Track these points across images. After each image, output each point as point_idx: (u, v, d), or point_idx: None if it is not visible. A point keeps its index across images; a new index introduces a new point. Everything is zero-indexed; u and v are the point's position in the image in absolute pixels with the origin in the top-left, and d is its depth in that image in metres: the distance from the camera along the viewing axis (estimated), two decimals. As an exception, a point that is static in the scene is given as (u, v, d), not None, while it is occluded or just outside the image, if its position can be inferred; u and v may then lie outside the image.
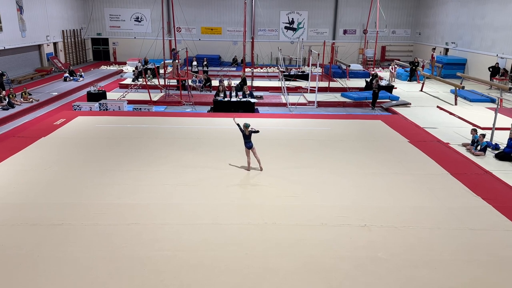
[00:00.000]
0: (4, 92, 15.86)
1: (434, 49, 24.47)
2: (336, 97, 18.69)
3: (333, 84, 20.86)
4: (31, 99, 16.45)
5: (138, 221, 6.90)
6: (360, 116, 15.29)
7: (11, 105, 15.41)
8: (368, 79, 20.57)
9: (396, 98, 17.88)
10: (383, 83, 19.66)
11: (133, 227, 6.71)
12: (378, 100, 17.08)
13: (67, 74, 22.25)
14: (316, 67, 19.98)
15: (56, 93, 18.57)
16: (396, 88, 20.33)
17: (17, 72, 22.08)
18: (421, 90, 20.42)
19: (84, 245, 6.18)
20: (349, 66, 23.92)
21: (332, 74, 22.82)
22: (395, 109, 16.35)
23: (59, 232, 6.53)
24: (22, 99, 16.33)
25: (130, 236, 6.46)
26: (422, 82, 21.26)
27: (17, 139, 11.30)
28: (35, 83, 20.83)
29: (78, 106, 15.43)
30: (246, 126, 9.04)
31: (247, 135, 9.04)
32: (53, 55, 25.97)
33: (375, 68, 27.97)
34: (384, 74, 24.99)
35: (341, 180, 8.86)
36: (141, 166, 9.45)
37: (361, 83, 21.55)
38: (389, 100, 17.69)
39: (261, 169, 9.27)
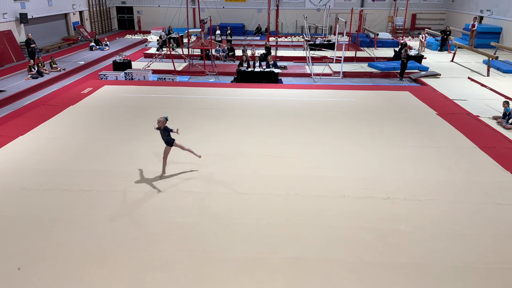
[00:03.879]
0: (32, 61, 16.21)
1: (476, 18, 23.27)
2: (363, 67, 18.24)
3: (360, 54, 20.34)
4: (59, 68, 16.77)
5: (163, 189, 7.08)
6: (387, 87, 14.93)
7: (40, 74, 15.77)
8: (397, 49, 19.92)
9: (426, 69, 17.32)
10: (412, 52, 19.02)
11: (158, 194, 6.90)
12: (406, 71, 16.59)
13: (93, 43, 22.47)
14: (343, 35, 19.43)
15: (83, 62, 18.85)
16: (425, 58, 19.63)
17: (45, 41, 22.44)
18: (452, 61, 19.66)
19: (112, 210, 6.41)
20: (377, 34, 23.19)
21: (359, 43, 22.22)
22: (424, 80, 15.87)
23: (89, 197, 6.78)
24: (50, 68, 16.68)
25: (155, 203, 6.65)
26: (453, 52, 20.45)
27: (46, 107, 11.63)
28: (62, 52, 21.17)
29: (104, 75, 15.64)
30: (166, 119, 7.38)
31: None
32: (79, 24, 26.18)
33: (404, 37, 27.00)
34: (414, 44, 24.13)
35: (365, 152, 8.77)
36: (166, 135, 9.58)
37: (389, 52, 20.92)
38: (418, 71, 17.16)
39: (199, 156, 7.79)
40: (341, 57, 17.10)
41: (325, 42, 22.37)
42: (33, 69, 15.77)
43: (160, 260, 5.28)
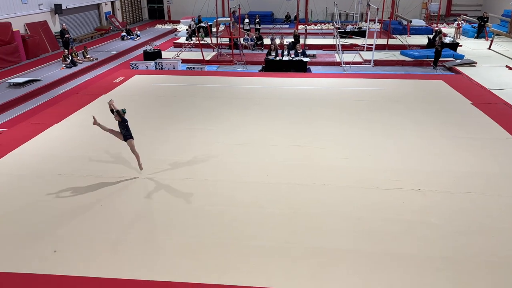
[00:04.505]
0: (67, 51, 16.68)
1: None
2: (395, 55, 17.78)
3: (392, 41, 19.81)
4: (91, 58, 17.20)
5: (191, 177, 7.19)
6: (420, 76, 14.50)
7: (74, 63, 16.23)
8: (431, 36, 19.28)
9: (461, 57, 16.70)
10: (447, 40, 18.35)
11: (187, 182, 7.01)
12: (440, 59, 16.06)
13: (124, 33, 22.87)
14: (375, 23, 18.96)
15: (115, 52, 19.23)
16: (461, 45, 18.94)
17: (78, 31, 23.00)
18: (489, 48, 18.86)
19: (143, 197, 6.58)
20: (411, 21, 22.51)
21: (391, 31, 21.65)
22: (459, 68, 15.32)
23: (121, 184, 6.97)
24: (83, 58, 17.12)
25: (184, 190, 6.77)
26: (491, 39, 19.58)
27: (80, 96, 11.97)
28: (94, 42, 21.66)
29: (135, 65, 15.92)
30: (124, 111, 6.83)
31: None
32: (111, 14, 26.66)
33: (439, 24, 26.07)
34: (449, 31, 23.26)
35: (396, 143, 8.59)
36: (194, 124, 9.71)
37: (423, 40, 20.28)
38: (453, 59, 16.56)
39: (141, 168, 7.22)
40: (372, 45, 16.72)
41: (356, 30, 21.91)
42: (67, 59, 16.23)
43: (188, 247, 5.39)
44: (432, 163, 7.68)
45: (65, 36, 18.25)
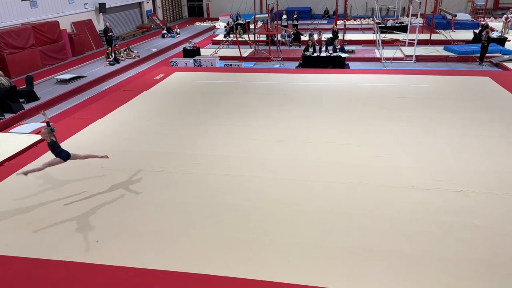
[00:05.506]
0: (110, 48, 17.28)
1: None
2: (438, 50, 17.17)
3: (435, 36, 19.14)
4: (134, 55, 17.74)
5: (228, 172, 7.27)
6: (465, 72, 13.91)
7: (116, 60, 16.80)
8: (477, 31, 18.46)
9: (509, 52, 15.88)
10: (494, 35, 17.50)
11: (223, 178, 7.10)
12: (487, 54, 15.35)
13: (164, 31, 23.41)
14: (417, 17, 18.37)
15: (156, 49, 19.74)
16: (509, 40, 17.99)
17: (121, 29, 23.77)
18: (542, 43, 17.82)
19: (181, 191, 6.73)
20: (455, 15, 21.61)
21: (434, 25, 20.91)
22: (506, 64, 14.59)
23: (160, 178, 7.17)
24: (126, 55, 17.69)
25: (221, 185, 6.87)
26: (544, 32, 18.50)
27: (122, 92, 12.38)
28: (136, 40, 22.33)
29: (175, 62, 16.27)
30: (52, 130, 6.25)
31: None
32: (152, 12, 27.35)
33: (485, 18, 24.87)
34: (496, 25, 22.15)
35: (438, 142, 8.30)
36: (231, 120, 9.80)
37: (468, 35, 19.44)
38: (500, 54, 15.79)
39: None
40: (414, 40, 16.21)
41: (397, 25, 21.32)
42: (110, 56, 16.83)
43: (223, 241, 5.46)
44: (476, 163, 7.37)
45: (109, 34, 18.93)
